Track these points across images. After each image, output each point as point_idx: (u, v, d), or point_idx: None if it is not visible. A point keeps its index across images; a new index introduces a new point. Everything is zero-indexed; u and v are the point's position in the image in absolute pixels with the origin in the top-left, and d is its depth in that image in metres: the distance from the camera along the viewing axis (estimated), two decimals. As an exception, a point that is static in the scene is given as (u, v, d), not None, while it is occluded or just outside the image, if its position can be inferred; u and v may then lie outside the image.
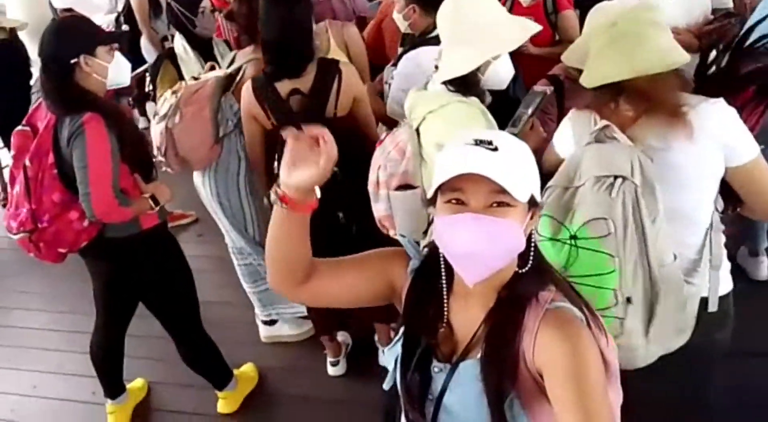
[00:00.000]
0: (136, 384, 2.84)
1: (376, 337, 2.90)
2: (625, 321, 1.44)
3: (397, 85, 2.45)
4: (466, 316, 1.11)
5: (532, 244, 1.07)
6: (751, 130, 1.53)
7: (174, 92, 2.43)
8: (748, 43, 1.68)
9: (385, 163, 2.10)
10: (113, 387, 2.66)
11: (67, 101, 2.02)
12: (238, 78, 2.53)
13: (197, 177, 2.72)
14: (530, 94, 2.01)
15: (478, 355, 1.06)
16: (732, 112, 1.49)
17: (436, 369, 1.11)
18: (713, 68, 1.64)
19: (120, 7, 4.71)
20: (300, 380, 2.86)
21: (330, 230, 2.27)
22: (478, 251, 0.99)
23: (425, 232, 2.08)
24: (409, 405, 1.13)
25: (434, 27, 2.39)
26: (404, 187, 2.08)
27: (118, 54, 2.12)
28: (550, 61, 2.41)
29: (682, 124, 1.45)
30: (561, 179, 1.51)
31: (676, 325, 1.52)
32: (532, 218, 1.05)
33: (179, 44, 2.83)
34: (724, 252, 1.65)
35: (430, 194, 1.05)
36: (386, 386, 1.19)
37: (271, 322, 3.07)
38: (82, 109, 2.00)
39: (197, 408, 2.75)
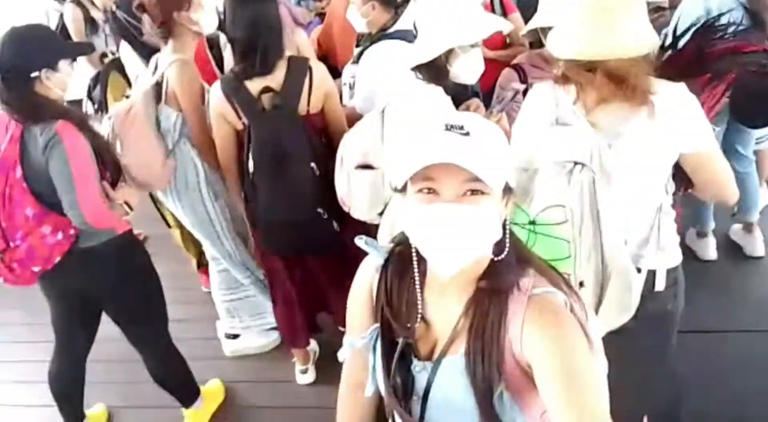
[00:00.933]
0: (95, 412, 2.73)
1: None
2: None
3: (363, 80, 2.46)
4: (443, 310, 1.07)
5: (507, 231, 1.03)
6: (710, 111, 1.57)
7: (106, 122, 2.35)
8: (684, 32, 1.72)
9: (348, 141, 2.14)
10: (74, 416, 2.54)
11: (33, 110, 1.94)
12: (164, 86, 2.45)
13: (161, 196, 2.67)
14: (500, 91, 2.06)
15: (461, 350, 1.03)
16: (693, 99, 1.51)
17: (417, 369, 1.08)
18: (668, 52, 1.68)
19: (53, 26, 4.56)
20: (268, 392, 2.79)
21: (313, 226, 2.29)
22: (453, 243, 0.95)
23: (381, 214, 2.10)
24: (395, 406, 1.10)
25: (393, 22, 2.45)
26: (364, 166, 2.10)
27: (77, 66, 2.06)
28: (502, 64, 2.48)
29: (646, 107, 1.46)
30: (519, 160, 1.50)
31: (621, 305, 1.55)
32: (507, 205, 1.01)
33: (126, 52, 2.75)
34: (673, 231, 1.69)
35: (400, 183, 1.00)
36: (368, 392, 1.15)
37: (234, 336, 3.01)
38: (51, 117, 1.93)
39: (162, 429, 2.66)
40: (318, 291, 2.56)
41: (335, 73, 2.71)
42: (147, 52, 2.75)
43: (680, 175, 1.62)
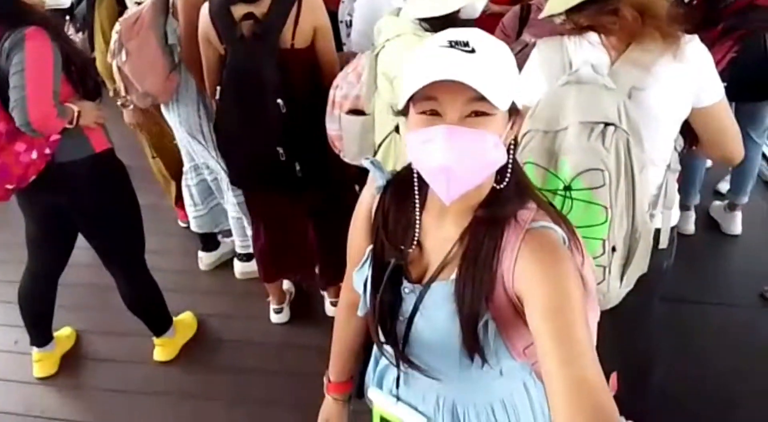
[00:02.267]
0: (63, 333, 2.69)
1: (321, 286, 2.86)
2: (608, 268, 1.45)
3: (360, 15, 2.36)
4: (440, 235, 1.05)
5: (511, 158, 0.99)
6: (717, 65, 1.54)
7: (115, 31, 2.30)
8: None
9: (341, 82, 2.07)
10: (41, 335, 2.50)
11: (9, 15, 1.86)
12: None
13: (163, 109, 2.63)
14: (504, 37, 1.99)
15: (452, 276, 1.01)
16: (707, 52, 1.47)
17: (406, 290, 1.06)
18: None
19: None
20: (241, 327, 2.78)
21: (270, 166, 2.21)
22: (455, 166, 0.90)
23: None
24: (379, 325, 1.08)
25: None
26: (355, 111, 2.05)
27: None
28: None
29: (675, 47, 1.41)
30: (539, 122, 1.44)
31: (640, 266, 1.54)
32: (512, 127, 0.95)
33: None
34: (675, 189, 1.68)
35: (401, 104, 0.94)
36: (360, 313, 1.14)
37: (248, 257, 2.99)
38: (25, 23, 1.85)
39: (131, 356, 2.63)
40: (295, 236, 2.52)
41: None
42: None
43: (687, 132, 1.59)
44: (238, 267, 3.06)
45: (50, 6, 2.02)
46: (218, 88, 2.13)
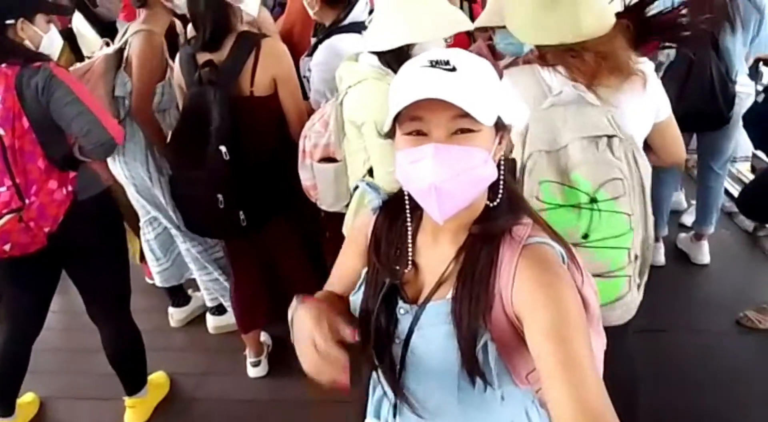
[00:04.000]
0: (25, 399, 2.52)
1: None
2: (633, 278, 1.46)
3: (317, 76, 2.40)
4: (435, 255, 1.03)
5: (501, 174, 0.99)
6: None
7: None
8: None
9: (309, 133, 2.08)
10: (7, 404, 2.35)
11: (18, 54, 1.86)
12: (125, 52, 2.40)
13: (109, 162, 2.58)
14: None
15: (448, 295, 0.99)
16: (652, 68, 1.58)
17: (401, 311, 1.03)
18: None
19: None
20: (217, 384, 2.66)
21: (212, 213, 2.19)
22: (445, 184, 0.90)
23: (347, 206, 2.06)
24: (375, 349, 1.05)
25: (345, 15, 2.38)
26: (327, 159, 2.05)
27: (53, 26, 2.00)
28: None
29: (639, 77, 1.50)
30: (538, 143, 1.47)
31: (647, 273, 1.57)
32: (500, 142, 0.96)
33: (78, 22, 2.67)
34: None
35: (387, 126, 0.95)
36: (350, 338, 1.10)
37: (219, 311, 2.92)
38: (35, 60, 1.86)
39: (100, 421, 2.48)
40: (256, 283, 2.49)
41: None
42: (100, 23, 2.69)
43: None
44: (211, 321, 2.96)
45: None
46: (168, 134, 2.18)
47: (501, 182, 0.99)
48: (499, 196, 0.99)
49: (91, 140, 1.89)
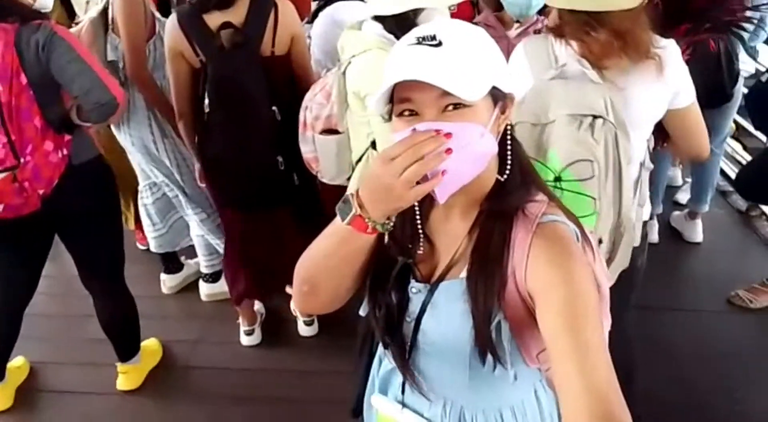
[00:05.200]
0: (14, 363, 2.50)
1: (292, 305, 2.78)
2: None
3: (316, 45, 2.36)
4: (447, 232, 1.01)
5: (509, 146, 0.96)
6: None
7: None
8: None
9: (311, 104, 2.03)
10: (-2, 369, 2.34)
11: (17, 11, 1.81)
12: (110, 13, 2.32)
13: (114, 129, 2.55)
14: None
15: (462, 274, 0.97)
16: (680, 56, 1.53)
17: (414, 290, 1.02)
18: None
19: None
20: (210, 352, 2.66)
21: (269, 177, 2.16)
22: (440, 164, 0.86)
23: (349, 178, 2.04)
24: (385, 327, 1.03)
25: None
26: (329, 131, 2.01)
27: None
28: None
29: (653, 63, 1.45)
30: (527, 115, 1.45)
31: (622, 261, 1.56)
32: (504, 112, 0.92)
33: None
34: (647, 186, 1.71)
35: (378, 109, 0.92)
36: (362, 312, 1.09)
37: (213, 278, 2.89)
38: (25, 17, 1.80)
39: (92, 387, 2.47)
40: (277, 250, 2.42)
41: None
42: None
43: (656, 131, 1.64)
44: (204, 288, 2.94)
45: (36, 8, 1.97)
46: (206, 104, 2.08)
47: (509, 154, 0.96)
48: (508, 168, 0.96)
49: (92, 99, 1.83)
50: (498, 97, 0.91)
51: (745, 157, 3.71)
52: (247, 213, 2.33)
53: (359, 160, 1.95)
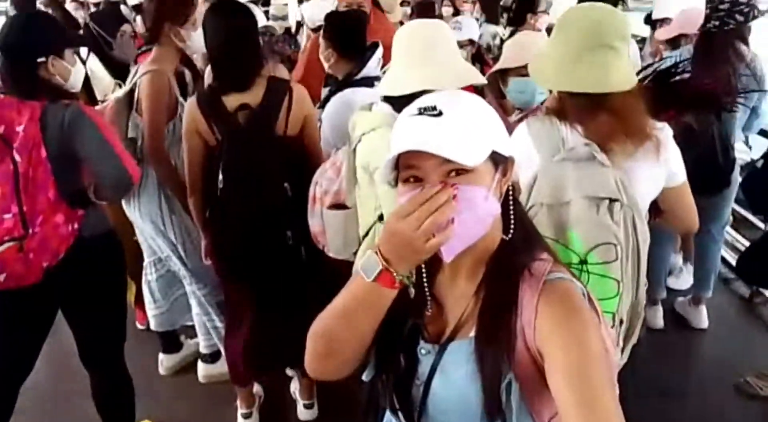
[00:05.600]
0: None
1: (291, 388, 2.71)
2: (617, 342, 1.45)
3: (327, 125, 2.44)
4: (455, 293, 1.03)
5: (511, 206, 1.00)
6: None
7: None
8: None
9: (321, 179, 2.10)
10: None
11: (34, 91, 1.89)
12: (136, 94, 2.43)
13: (124, 204, 2.58)
14: None
15: (471, 333, 0.97)
16: (671, 133, 1.59)
17: (423, 351, 1.01)
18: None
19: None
20: (206, 435, 2.57)
21: (277, 251, 2.18)
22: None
23: (355, 253, 2.05)
24: (393, 390, 1.02)
25: (359, 69, 2.44)
26: (337, 206, 2.06)
27: (77, 58, 2.05)
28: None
29: (653, 143, 1.50)
30: (542, 196, 1.48)
31: (635, 337, 1.56)
32: (505, 174, 0.96)
33: (93, 63, 2.72)
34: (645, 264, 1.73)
35: (384, 177, 0.98)
36: (366, 377, 1.07)
37: (212, 358, 2.83)
38: (55, 97, 1.89)
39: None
40: (282, 326, 2.38)
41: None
42: (115, 66, 2.74)
43: (650, 206, 1.66)
44: (202, 369, 2.87)
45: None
46: (220, 179, 2.14)
47: (511, 214, 0.99)
48: (512, 228, 0.99)
49: (110, 179, 1.91)
50: (498, 160, 0.95)
51: (745, 245, 3.74)
52: (253, 288, 2.32)
53: (366, 234, 1.98)
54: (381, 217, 1.92)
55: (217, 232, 2.29)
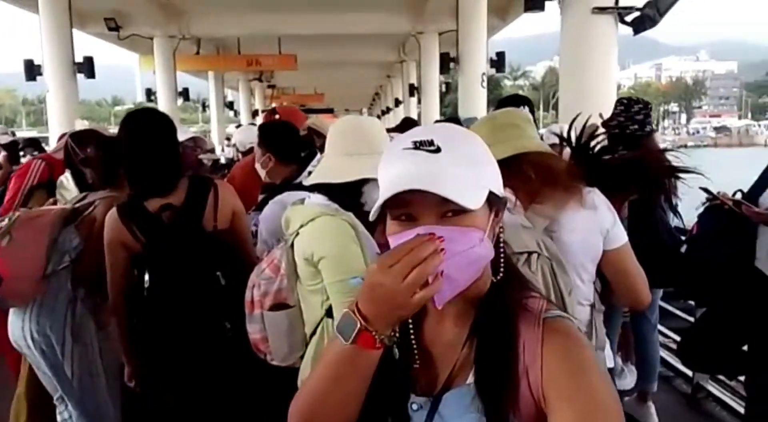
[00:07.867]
0: None
1: None
2: None
3: (264, 227, 2.37)
4: (443, 339, 0.94)
5: (501, 248, 0.94)
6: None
7: (9, 217, 2.19)
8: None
9: (258, 280, 1.94)
10: None
11: None
12: (87, 212, 2.35)
13: (12, 313, 2.30)
14: None
15: (467, 380, 0.88)
16: (606, 201, 1.69)
17: (414, 407, 0.91)
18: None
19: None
20: None
21: (218, 342, 2.06)
22: (440, 269, 0.83)
23: (302, 357, 1.87)
24: None
25: (297, 174, 2.44)
26: (279, 306, 1.89)
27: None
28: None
29: (579, 204, 1.59)
30: None
31: None
32: (497, 216, 0.91)
33: (64, 176, 2.69)
34: (604, 332, 1.76)
35: (374, 213, 0.89)
36: None
37: None
38: None
39: None
40: None
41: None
42: (85, 184, 2.63)
43: (602, 278, 1.74)
44: None
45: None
46: (146, 281, 2.05)
47: (501, 256, 0.94)
48: (501, 269, 0.94)
49: None
50: (494, 201, 0.90)
51: (676, 338, 3.80)
52: (185, 398, 2.10)
53: (314, 331, 1.81)
54: (329, 312, 1.77)
55: (147, 338, 2.13)
